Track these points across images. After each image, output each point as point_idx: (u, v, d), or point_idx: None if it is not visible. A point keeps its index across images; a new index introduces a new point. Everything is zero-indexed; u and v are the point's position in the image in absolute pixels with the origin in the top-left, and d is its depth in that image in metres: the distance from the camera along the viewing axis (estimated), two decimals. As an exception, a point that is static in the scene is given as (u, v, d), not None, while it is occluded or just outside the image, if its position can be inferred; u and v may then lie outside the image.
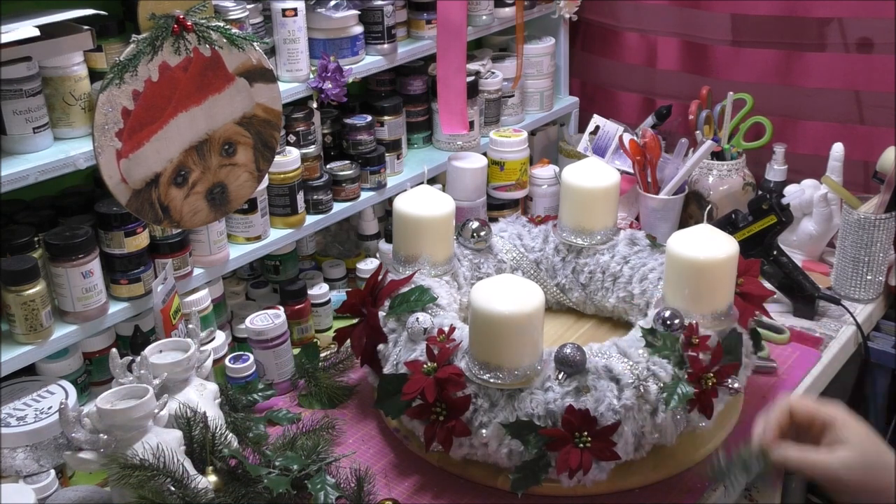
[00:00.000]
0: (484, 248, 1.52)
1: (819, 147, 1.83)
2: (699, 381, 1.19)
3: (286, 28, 1.51)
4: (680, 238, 1.29)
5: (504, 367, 1.18)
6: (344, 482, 1.22)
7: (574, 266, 1.53)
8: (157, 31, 1.23)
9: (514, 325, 1.17)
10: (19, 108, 1.21)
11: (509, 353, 1.18)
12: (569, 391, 1.17)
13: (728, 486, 1.20)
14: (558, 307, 1.58)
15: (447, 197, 1.45)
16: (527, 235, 1.57)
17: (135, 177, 1.27)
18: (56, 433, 1.23)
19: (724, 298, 1.28)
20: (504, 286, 1.20)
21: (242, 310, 1.58)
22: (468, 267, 1.50)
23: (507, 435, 1.17)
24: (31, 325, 1.26)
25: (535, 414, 1.16)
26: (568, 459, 1.14)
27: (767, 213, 1.58)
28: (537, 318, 1.19)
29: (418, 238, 1.42)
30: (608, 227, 1.51)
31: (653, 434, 1.20)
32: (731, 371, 1.22)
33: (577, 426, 1.14)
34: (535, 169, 1.91)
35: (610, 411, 1.15)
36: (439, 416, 1.20)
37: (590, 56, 2.17)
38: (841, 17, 1.79)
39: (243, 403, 1.39)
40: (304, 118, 1.59)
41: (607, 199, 1.50)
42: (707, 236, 1.28)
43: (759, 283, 1.35)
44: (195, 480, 1.13)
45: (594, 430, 1.15)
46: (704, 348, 1.22)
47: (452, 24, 1.67)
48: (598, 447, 1.15)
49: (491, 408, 1.19)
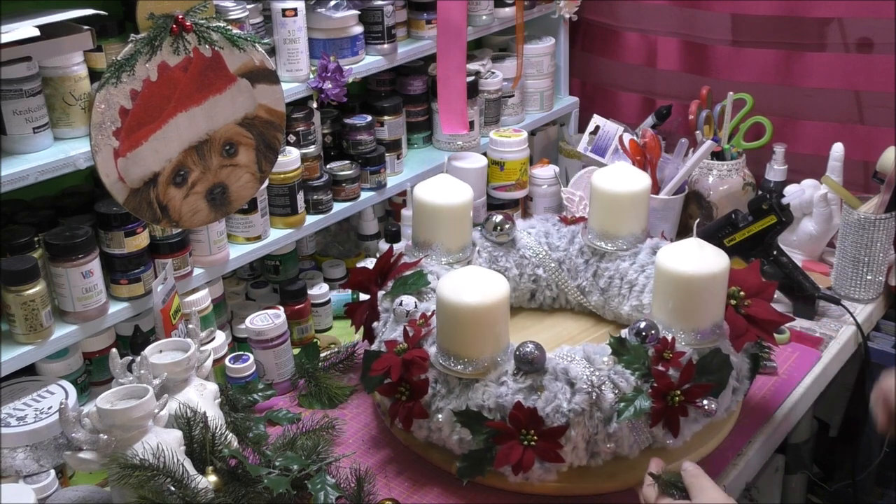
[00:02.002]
0: (506, 242, 1.53)
1: (819, 147, 1.83)
2: (664, 397, 1.17)
3: (286, 28, 1.51)
4: (669, 250, 1.25)
5: (463, 357, 1.20)
6: (344, 482, 1.22)
7: (595, 269, 1.51)
8: (156, 31, 1.23)
9: (474, 317, 1.19)
10: (19, 108, 1.21)
11: (469, 344, 1.20)
12: (522, 388, 1.17)
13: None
14: (580, 309, 1.56)
15: (466, 187, 1.47)
16: (554, 234, 1.56)
17: (132, 176, 1.27)
18: (56, 433, 1.22)
19: (709, 316, 1.23)
20: (470, 278, 1.21)
21: (242, 310, 1.58)
22: (486, 259, 1.51)
23: (457, 423, 1.19)
24: (31, 325, 1.26)
25: (486, 406, 1.18)
26: (509, 455, 1.16)
27: (767, 213, 1.58)
28: (499, 311, 1.20)
29: (433, 225, 1.45)
30: (634, 234, 1.47)
31: (607, 443, 1.19)
32: (702, 391, 1.18)
33: (525, 424, 1.15)
34: (535, 169, 1.91)
35: (558, 413, 1.15)
36: (402, 396, 1.24)
37: (590, 56, 2.17)
38: (841, 17, 1.79)
39: (243, 403, 1.39)
40: (304, 118, 1.59)
41: (635, 205, 1.47)
42: (696, 251, 1.23)
43: (770, 308, 1.28)
44: (195, 480, 1.13)
45: (541, 430, 1.15)
46: (676, 364, 1.18)
47: (452, 24, 1.67)
48: (543, 447, 1.16)
49: (447, 394, 1.22)
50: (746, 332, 1.26)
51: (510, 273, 1.52)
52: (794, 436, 1.79)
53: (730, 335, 1.25)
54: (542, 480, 1.19)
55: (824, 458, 2.01)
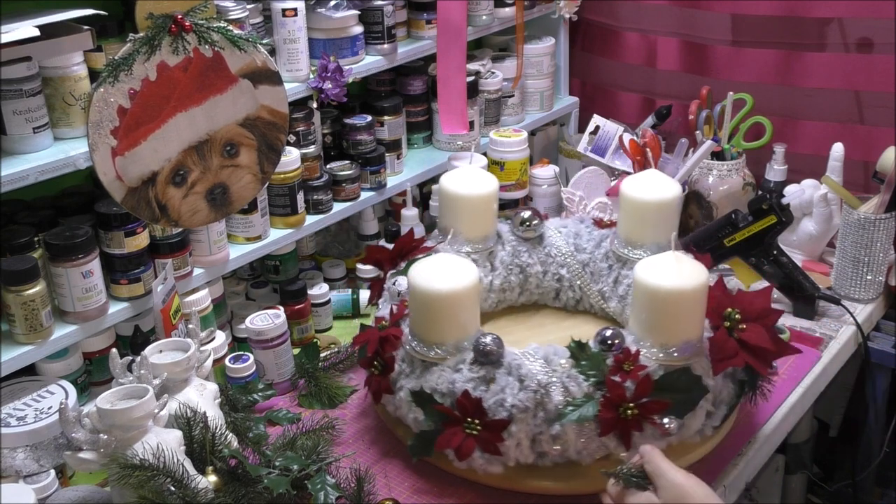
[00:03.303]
0: (533, 238, 1.53)
1: (819, 147, 1.83)
2: (616, 408, 1.15)
3: (286, 28, 1.51)
4: (646, 262, 1.23)
5: (427, 340, 1.24)
6: (344, 482, 1.22)
7: (617, 276, 1.49)
8: (154, 31, 1.23)
9: (439, 302, 1.21)
10: (19, 108, 1.21)
11: (433, 328, 1.23)
12: (474, 378, 1.19)
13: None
14: (602, 313, 1.54)
15: (491, 178, 1.48)
16: (584, 236, 1.54)
17: (131, 175, 1.26)
18: (56, 433, 1.23)
19: (681, 332, 1.19)
20: (442, 265, 1.24)
21: (242, 310, 1.58)
22: (509, 252, 1.51)
23: (411, 402, 1.23)
24: (31, 325, 1.26)
25: (439, 390, 1.21)
26: (450, 440, 1.19)
27: (767, 213, 1.58)
28: (465, 299, 1.22)
29: (454, 213, 1.48)
30: (659, 243, 1.42)
31: (553, 445, 1.18)
32: (659, 408, 1.16)
33: (470, 412, 1.17)
34: (535, 169, 1.91)
35: (500, 407, 1.16)
36: (375, 371, 1.30)
37: (590, 56, 2.17)
38: (841, 17, 1.79)
39: (243, 403, 1.39)
40: (304, 118, 1.59)
41: (661, 213, 1.43)
42: (673, 264, 1.20)
43: (767, 337, 1.21)
44: (195, 480, 1.13)
45: (485, 421, 1.17)
46: (634, 377, 1.16)
47: (452, 24, 1.67)
48: (484, 437, 1.17)
49: (410, 374, 1.25)
50: (734, 356, 1.20)
51: (533, 269, 1.52)
52: (794, 436, 1.79)
53: (714, 357, 1.21)
54: (486, 472, 1.21)
55: (824, 458, 2.01)
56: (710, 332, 1.23)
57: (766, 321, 1.23)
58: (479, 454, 1.19)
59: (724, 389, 1.24)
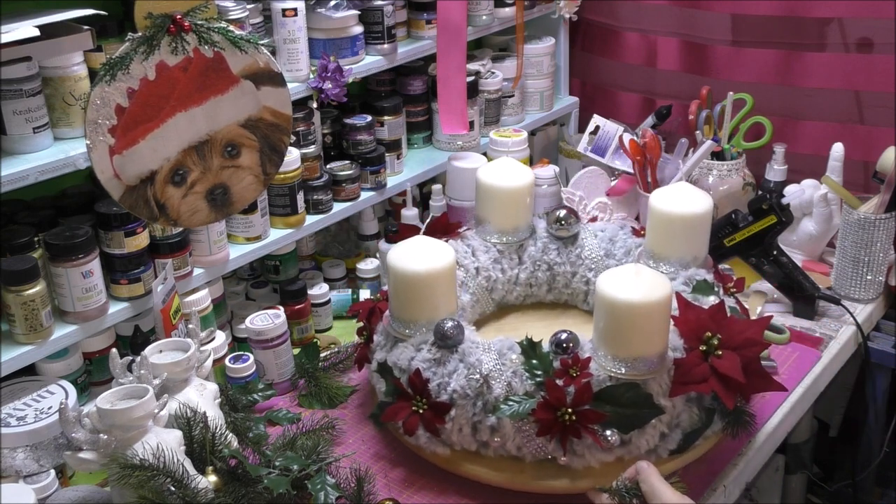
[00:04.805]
0: (566, 238, 1.51)
1: (819, 147, 1.83)
2: (554, 411, 1.15)
3: (286, 28, 1.51)
4: (609, 273, 1.20)
5: (401, 319, 1.28)
6: (344, 482, 1.22)
7: None
8: (153, 31, 1.23)
9: (410, 282, 1.26)
10: (19, 108, 1.21)
11: (405, 307, 1.28)
12: (429, 359, 1.23)
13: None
14: None
15: (526, 171, 1.49)
16: (619, 242, 1.49)
17: (129, 173, 1.26)
18: (56, 433, 1.23)
19: (635, 347, 1.17)
20: (419, 247, 1.28)
21: (242, 310, 1.58)
22: (539, 248, 1.51)
23: (377, 372, 1.29)
24: (31, 325, 1.26)
25: (399, 365, 1.25)
26: (397, 413, 1.24)
27: (767, 213, 1.58)
28: (438, 281, 1.26)
29: (487, 204, 1.49)
30: (683, 259, 1.38)
31: (493, 436, 1.20)
32: (595, 418, 1.15)
33: (419, 391, 1.22)
34: (535, 169, 1.91)
35: (442, 390, 1.20)
36: (362, 339, 1.40)
37: (590, 56, 2.17)
38: (841, 17, 1.79)
39: (243, 403, 1.39)
40: (304, 118, 1.59)
41: (687, 228, 1.38)
42: (632, 277, 1.17)
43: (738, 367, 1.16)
44: (195, 480, 1.13)
45: (430, 401, 1.21)
46: (577, 384, 1.16)
47: (452, 24, 1.67)
48: (427, 417, 1.21)
49: (383, 347, 1.31)
50: (701, 381, 1.17)
51: (561, 269, 1.50)
52: (794, 436, 1.79)
53: (677, 379, 1.18)
54: (432, 451, 1.24)
55: (824, 458, 2.01)
56: (681, 353, 1.21)
57: (748, 352, 1.19)
58: (423, 433, 1.22)
59: (683, 413, 1.21)
